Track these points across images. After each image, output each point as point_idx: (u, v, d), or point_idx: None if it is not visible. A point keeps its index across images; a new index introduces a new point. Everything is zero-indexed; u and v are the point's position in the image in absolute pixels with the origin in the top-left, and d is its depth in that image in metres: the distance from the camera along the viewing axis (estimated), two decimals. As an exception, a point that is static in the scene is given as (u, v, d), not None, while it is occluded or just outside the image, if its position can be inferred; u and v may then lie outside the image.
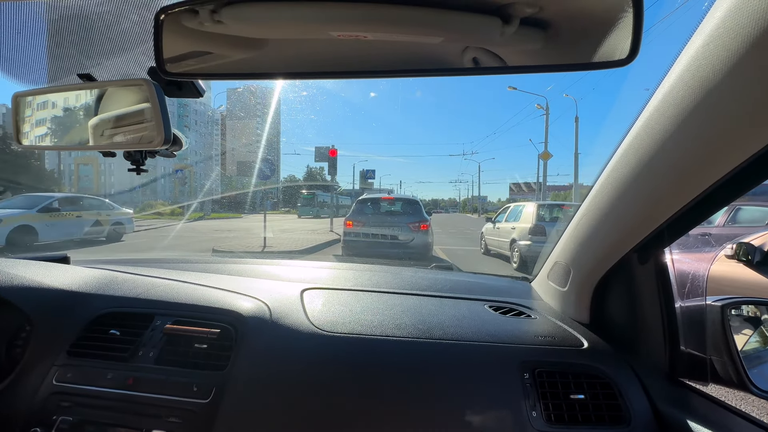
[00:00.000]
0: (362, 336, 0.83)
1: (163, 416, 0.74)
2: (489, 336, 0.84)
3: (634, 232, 0.69)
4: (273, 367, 0.78)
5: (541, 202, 8.58)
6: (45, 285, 0.94)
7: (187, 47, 0.52)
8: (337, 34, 0.53)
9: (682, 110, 0.49)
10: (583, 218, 0.80)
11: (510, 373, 0.76)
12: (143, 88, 0.62)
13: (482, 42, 0.52)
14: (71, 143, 0.77)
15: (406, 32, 0.52)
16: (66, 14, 0.63)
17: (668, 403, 0.72)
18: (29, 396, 0.79)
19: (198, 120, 59.41)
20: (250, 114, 55.95)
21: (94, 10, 0.59)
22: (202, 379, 0.77)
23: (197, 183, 46.33)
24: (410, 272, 1.38)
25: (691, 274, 0.83)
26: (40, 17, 0.65)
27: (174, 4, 0.48)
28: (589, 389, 0.74)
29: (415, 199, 7.38)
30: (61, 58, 0.71)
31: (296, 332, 0.83)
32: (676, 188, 0.57)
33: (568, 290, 0.92)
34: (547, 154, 17.35)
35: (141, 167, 0.75)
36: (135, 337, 0.85)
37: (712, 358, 0.72)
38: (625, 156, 0.63)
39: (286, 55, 0.57)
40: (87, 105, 0.74)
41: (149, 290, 0.97)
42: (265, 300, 0.92)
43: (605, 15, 0.42)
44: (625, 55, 0.42)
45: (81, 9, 0.60)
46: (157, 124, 0.59)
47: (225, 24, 0.51)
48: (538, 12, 0.46)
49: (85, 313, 0.90)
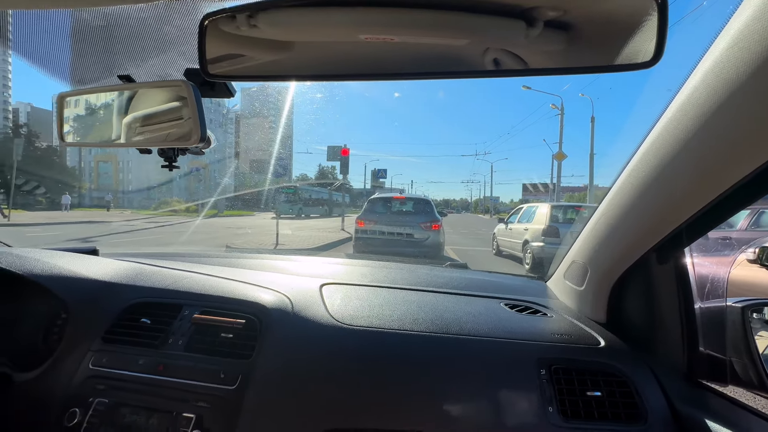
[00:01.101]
0: (381, 329, 0.85)
1: (192, 401, 0.78)
2: (505, 333, 0.85)
3: (654, 231, 0.70)
4: (296, 357, 0.81)
5: (555, 203, 8.47)
6: (80, 275, 0.99)
7: (225, 50, 0.55)
8: (365, 37, 0.56)
9: (706, 111, 0.49)
10: (602, 217, 0.81)
11: (526, 370, 0.77)
12: (180, 88, 0.65)
13: (506, 44, 0.53)
14: (109, 140, 0.82)
15: (432, 35, 0.54)
16: (109, 20, 0.67)
17: (686, 402, 0.72)
18: (68, 379, 0.84)
19: (213, 119, 60.52)
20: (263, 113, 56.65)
21: (136, 15, 0.63)
22: (228, 367, 0.81)
23: (212, 181, 47.11)
24: (425, 269, 1.40)
25: (711, 276, 0.83)
26: (84, 23, 0.69)
27: (218, 11, 0.51)
28: (606, 387, 0.75)
29: (426, 199, 7.37)
30: (102, 61, 0.75)
31: (317, 324, 0.86)
32: (698, 188, 0.57)
33: (585, 289, 0.93)
34: (561, 155, 17.07)
35: (173, 164, 0.79)
36: (165, 326, 0.89)
37: (732, 359, 0.72)
38: (647, 155, 0.64)
39: (315, 57, 0.60)
40: (122, 104, 0.78)
41: (176, 282, 1.01)
42: (287, 293, 0.95)
43: (630, 18, 0.43)
44: (650, 57, 0.43)
45: (124, 15, 0.64)
46: (194, 123, 0.63)
47: (260, 28, 0.54)
48: (562, 15, 0.47)
49: (118, 303, 0.95)
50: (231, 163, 48.41)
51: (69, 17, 0.72)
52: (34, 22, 0.73)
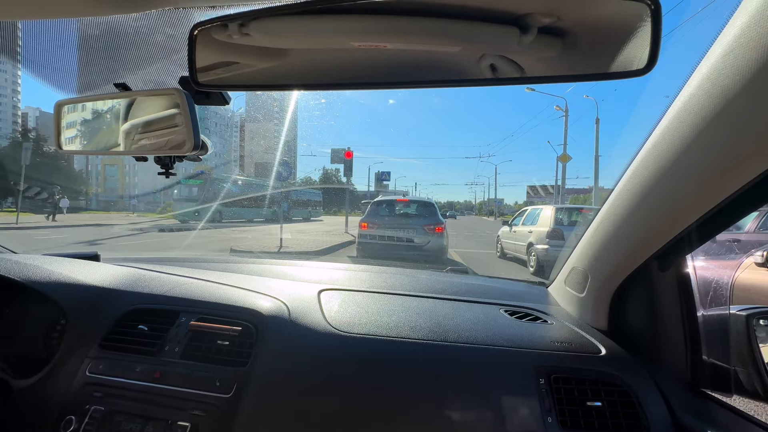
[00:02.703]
0: (378, 337, 0.84)
1: (188, 409, 0.78)
2: (504, 340, 0.84)
3: (655, 238, 0.68)
4: (292, 365, 0.80)
5: (560, 205, 8.41)
6: (79, 281, 0.99)
7: (217, 58, 0.55)
8: (357, 45, 0.55)
9: (703, 118, 0.49)
10: (601, 224, 0.80)
11: (525, 378, 0.76)
12: (174, 96, 0.65)
13: (500, 50, 0.53)
14: (105, 148, 0.82)
15: (425, 42, 0.54)
16: (104, 29, 0.67)
17: (689, 413, 0.70)
18: (65, 385, 0.84)
19: (218, 122, 60.99)
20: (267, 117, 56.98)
21: (131, 24, 0.63)
22: (224, 375, 0.80)
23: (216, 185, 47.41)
24: (425, 275, 1.39)
25: (715, 281, 0.81)
26: (81, 32, 0.69)
27: (207, 20, 0.51)
28: (607, 396, 0.73)
29: (430, 202, 7.37)
30: (99, 69, 0.75)
31: (314, 332, 0.85)
32: (698, 195, 0.56)
33: (585, 296, 0.92)
34: (566, 157, 16.97)
35: (170, 171, 0.79)
36: (162, 333, 0.89)
37: (737, 369, 0.70)
38: (645, 161, 0.62)
39: (307, 66, 0.59)
40: (119, 112, 0.79)
41: (174, 288, 1.01)
42: (284, 300, 0.95)
43: (623, 25, 0.43)
44: (643, 65, 0.42)
45: (118, 24, 0.64)
46: (188, 131, 0.63)
47: (252, 36, 0.54)
48: (555, 22, 0.46)
49: (115, 309, 0.95)
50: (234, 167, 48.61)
51: (68, 27, 0.73)
52: (35, 31, 0.74)
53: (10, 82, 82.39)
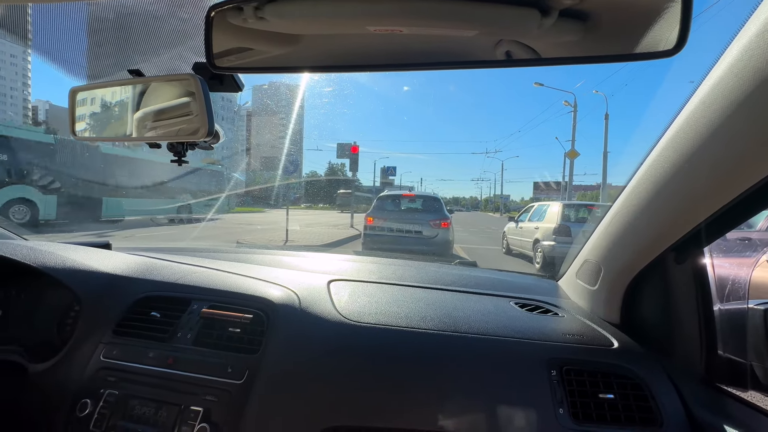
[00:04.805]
0: (388, 327, 0.84)
1: (200, 394, 0.79)
2: (515, 332, 0.84)
3: (672, 229, 0.67)
4: (302, 353, 0.80)
5: (567, 201, 8.33)
6: (93, 268, 1.01)
7: (232, 43, 0.55)
8: (373, 29, 0.55)
9: (732, 102, 0.47)
10: (617, 215, 0.78)
11: (537, 370, 0.76)
12: (188, 82, 0.65)
13: (518, 35, 0.51)
14: (119, 134, 0.83)
15: (442, 26, 0.53)
16: (119, 14, 0.67)
17: (704, 407, 0.69)
18: (79, 369, 0.86)
19: (225, 116, 61.19)
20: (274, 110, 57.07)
21: (145, 9, 0.63)
22: (236, 361, 0.81)
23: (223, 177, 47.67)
24: (434, 267, 1.38)
25: (732, 277, 0.80)
26: (95, 18, 0.69)
27: (223, 2, 0.50)
28: (619, 389, 0.73)
29: (435, 197, 7.34)
30: (113, 55, 0.75)
31: (324, 321, 0.85)
32: (720, 185, 0.55)
33: (598, 289, 0.90)
34: (573, 153, 16.76)
35: (183, 158, 0.79)
36: (174, 320, 0.90)
37: (753, 364, 0.69)
38: (666, 150, 0.61)
39: (322, 50, 0.59)
40: (133, 99, 0.79)
41: (186, 276, 1.02)
42: (295, 289, 0.95)
43: (651, 4, 0.41)
44: (672, 45, 0.41)
45: (134, 9, 0.64)
46: (202, 117, 0.63)
47: (267, 20, 0.53)
48: (578, 3, 0.45)
49: (128, 296, 0.96)
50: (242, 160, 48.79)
51: (81, 13, 0.73)
52: (48, 17, 0.74)
53: (20, 75, 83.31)
